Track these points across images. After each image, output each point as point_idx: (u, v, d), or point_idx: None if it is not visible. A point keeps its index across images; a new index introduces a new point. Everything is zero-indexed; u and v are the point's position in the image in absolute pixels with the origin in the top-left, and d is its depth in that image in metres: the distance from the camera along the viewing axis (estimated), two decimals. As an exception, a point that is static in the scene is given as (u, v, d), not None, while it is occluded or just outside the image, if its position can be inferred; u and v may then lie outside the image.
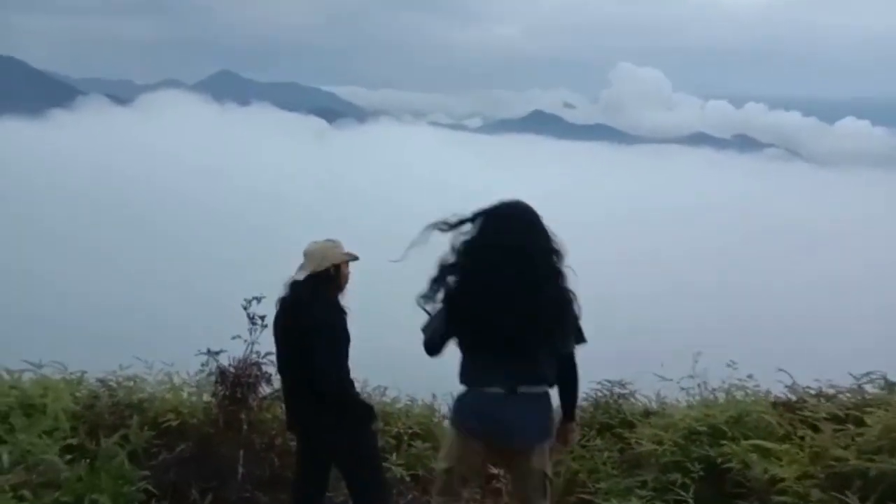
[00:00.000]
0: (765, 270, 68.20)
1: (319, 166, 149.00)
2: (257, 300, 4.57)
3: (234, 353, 4.69)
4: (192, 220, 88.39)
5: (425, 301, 3.20)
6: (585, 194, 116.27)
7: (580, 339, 3.21)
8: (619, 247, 65.25)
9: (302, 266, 3.72)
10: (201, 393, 4.96)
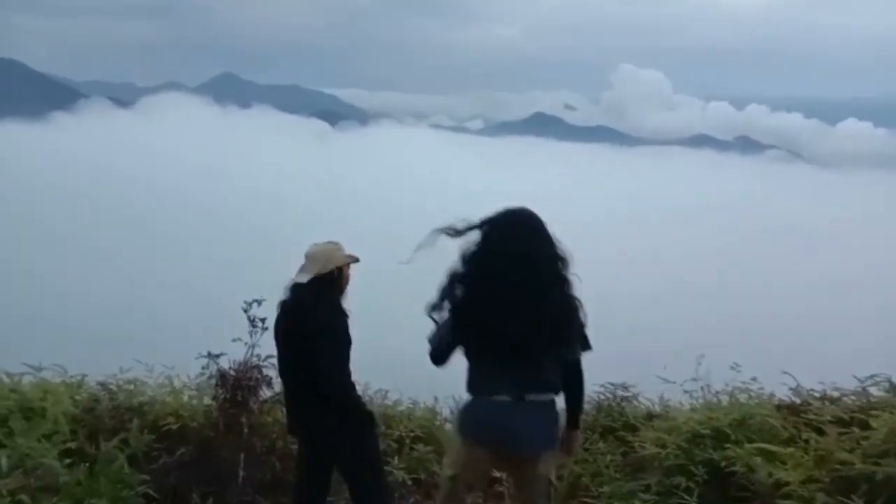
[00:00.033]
0: (765, 271, 68.18)
1: (321, 168, 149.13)
2: (258, 303, 4.55)
3: (234, 356, 4.66)
4: (192, 221, 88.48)
5: (433, 310, 3.19)
6: (586, 195, 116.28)
7: (586, 346, 3.19)
8: (619, 247, 65.19)
9: (303, 268, 3.69)
10: (202, 396, 4.93)
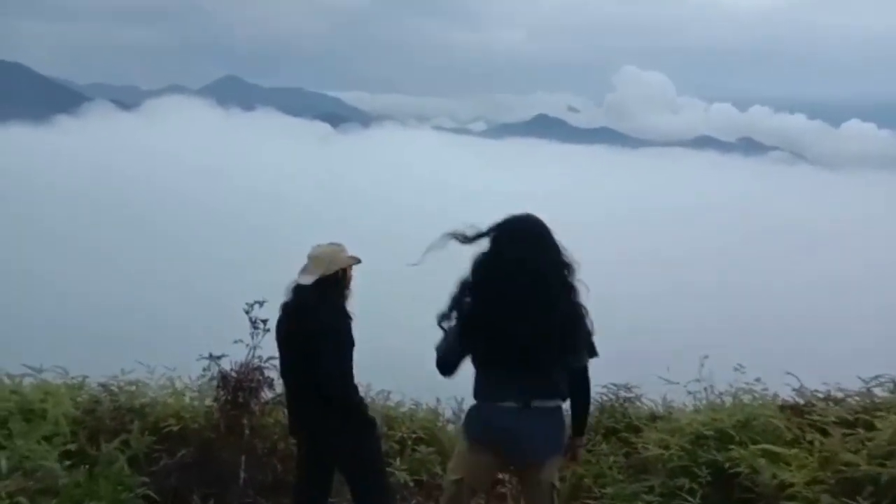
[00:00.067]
0: (766, 271, 68.05)
1: (322, 169, 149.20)
2: (259, 304, 4.53)
3: (235, 357, 4.65)
4: (194, 223, 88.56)
5: (443, 319, 3.20)
6: (588, 196, 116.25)
7: (592, 353, 3.22)
8: (621, 247, 65.09)
9: (305, 269, 3.67)
10: (203, 397, 4.91)
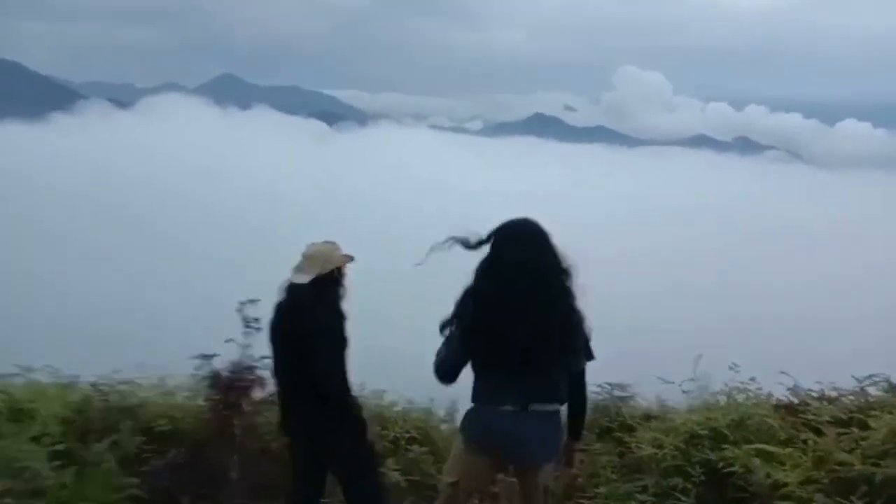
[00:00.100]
0: (764, 271, 68.19)
1: (319, 168, 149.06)
2: (252, 303, 4.50)
3: (229, 357, 4.62)
4: (191, 222, 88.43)
5: (446, 327, 3.20)
6: (585, 195, 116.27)
7: (589, 357, 3.25)
8: (618, 247, 65.06)
9: (300, 268, 3.64)
10: (195, 397, 4.88)
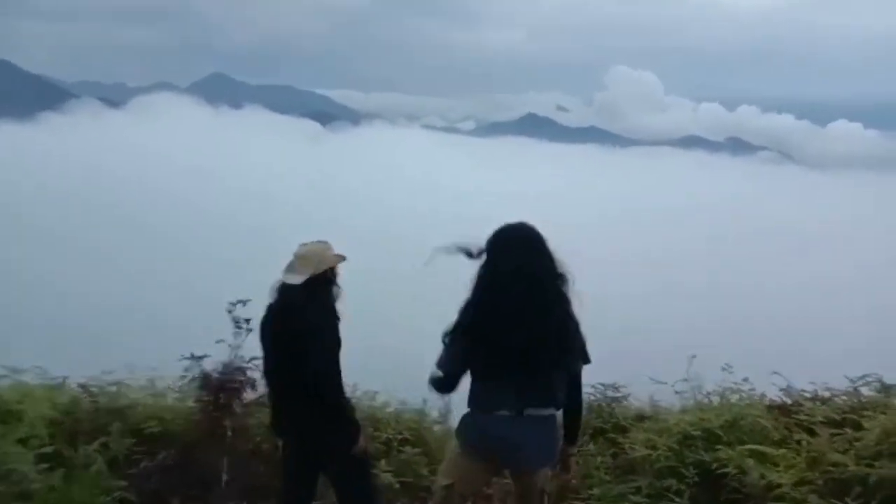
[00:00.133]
0: (756, 271, 68.41)
1: (312, 168, 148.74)
2: (242, 303, 4.47)
3: (220, 358, 4.58)
4: (186, 221, 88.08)
5: (448, 336, 3.20)
6: (577, 195, 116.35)
7: (585, 360, 3.27)
8: (610, 247, 65.23)
9: (292, 268, 3.60)
10: (185, 399, 4.84)
